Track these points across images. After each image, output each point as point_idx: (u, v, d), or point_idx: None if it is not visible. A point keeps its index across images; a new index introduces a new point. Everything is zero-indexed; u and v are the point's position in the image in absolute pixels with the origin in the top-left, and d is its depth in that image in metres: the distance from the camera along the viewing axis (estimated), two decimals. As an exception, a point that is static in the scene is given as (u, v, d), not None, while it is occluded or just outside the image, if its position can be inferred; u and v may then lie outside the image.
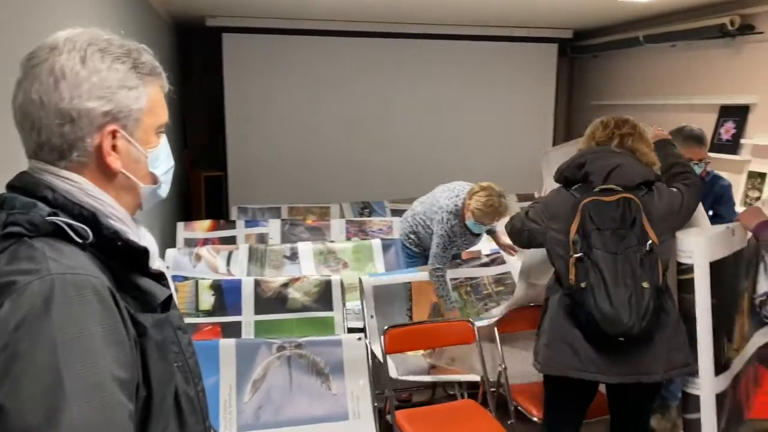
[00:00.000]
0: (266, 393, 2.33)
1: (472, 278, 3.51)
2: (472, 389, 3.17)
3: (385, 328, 2.45)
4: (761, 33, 4.49)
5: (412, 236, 3.54)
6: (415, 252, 3.55)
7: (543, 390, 2.31)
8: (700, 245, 2.10)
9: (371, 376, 2.38)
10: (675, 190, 2.18)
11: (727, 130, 4.89)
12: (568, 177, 2.20)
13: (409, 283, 3.37)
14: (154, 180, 1.01)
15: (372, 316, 3.19)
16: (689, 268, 2.11)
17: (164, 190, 1.05)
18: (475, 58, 6.45)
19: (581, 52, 6.75)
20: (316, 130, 6.23)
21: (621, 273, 1.99)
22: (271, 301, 3.11)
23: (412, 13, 5.45)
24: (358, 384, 2.33)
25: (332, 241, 4.28)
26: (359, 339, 2.40)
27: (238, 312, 3.08)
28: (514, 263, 3.61)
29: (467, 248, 3.56)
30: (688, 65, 5.32)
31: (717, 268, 2.13)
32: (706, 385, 2.11)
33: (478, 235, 3.44)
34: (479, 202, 3.12)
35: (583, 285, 2.02)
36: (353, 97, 6.26)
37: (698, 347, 2.10)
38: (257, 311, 3.09)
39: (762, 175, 4.55)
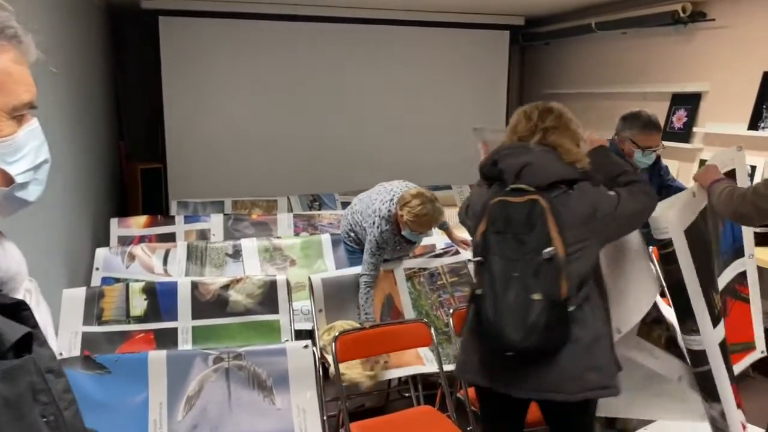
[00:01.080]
0: (202, 410, 2.09)
1: (425, 268, 3.35)
2: (427, 389, 3.01)
3: (336, 335, 2.24)
4: (713, 20, 4.46)
5: (352, 234, 3.39)
6: (356, 248, 3.39)
7: None
8: (671, 218, 2.05)
9: (320, 387, 2.17)
10: (612, 193, 1.94)
11: (679, 118, 4.86)
12: (486, 174, 2.02)
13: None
14: (8, 180, 0.77)
15: (321, 310, 3.00)
16: (668, 243, 2.08)
17: (32, 192, 0.80)
18: (427, 45, 6.27)
19: (533, 40, 6.66)
20: (261, 119, 5.95)
21: (513, 281, 1.80)
22: (211, 305, 2.85)
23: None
24: (304, 396, 2.11)
25: (278, 237, 4.03)
26: (305, 347, 2.18)
27: (174, 317, 2.81)
28: (469, 255, 3.48)
29: (405, 255, 3.37)
30: (640, 53, 5.28)
31: (691, 231, 2.15)
32: (708, 340, 2.14)
33: (414, 243, 3.28)
34: (411, 214, 2.93)
35: (479, 292, 1.88)
36: (300, 85, 5.99)
37: (694, 310, 2.10)
38: (195, 316, 2.82)
39: (714, 164, 4.53)
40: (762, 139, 4.10)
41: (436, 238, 3.95)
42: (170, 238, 4.29)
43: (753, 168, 4.20)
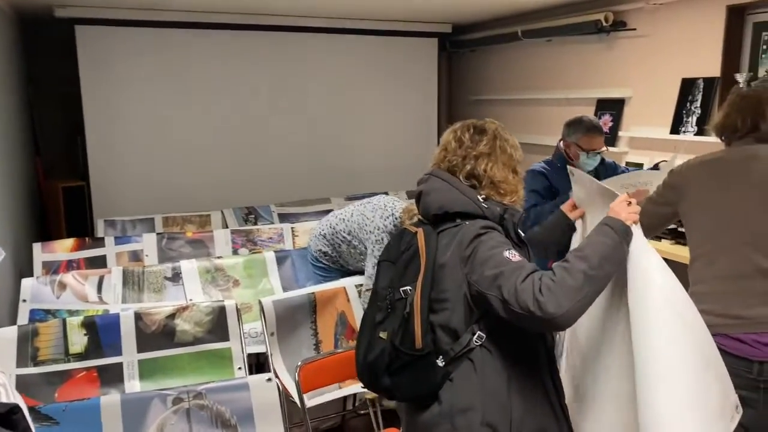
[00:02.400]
0: (162, 455, 1.99)
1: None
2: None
3: (299, 363, 2.18)
4: (634, 29, 4.66)
5: (331, 254, 3.36)
6: (332, 267, 3.38)
7: None
8: None
9: (285, 422, 2.10)
10: (507, 255, 1.52)
11: (605, 123, 5.05)
12: None
13: (313, 293, 3.12)
14: None
15: (273, 334, 2.92)
16: None
17: None
18: (358, 54, 6.26)
19: (460, 47, 6.77)
20: (190, 130, 5.74)
21: (374, 314, 1.68)
22: (157, 336, 2.71)
23: (287, 4, 5.13)
24: (271, 433, 2.05)
25: (219, 257, 3.89)
26: (269, 380, 2.11)
27: (118, 352, 2.65)
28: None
29: None
30: (565, 60, 5.46)
31: None
32: None
33: None
34: None
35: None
36: (228, 94, 5.83)
37: None
38: (140, 349, 2.68)
39: (639, 166, 4.74)
40: (683, 142, 4.33)
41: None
42: (100, 261, 4.06)
43: (675, 170, 4.44)
